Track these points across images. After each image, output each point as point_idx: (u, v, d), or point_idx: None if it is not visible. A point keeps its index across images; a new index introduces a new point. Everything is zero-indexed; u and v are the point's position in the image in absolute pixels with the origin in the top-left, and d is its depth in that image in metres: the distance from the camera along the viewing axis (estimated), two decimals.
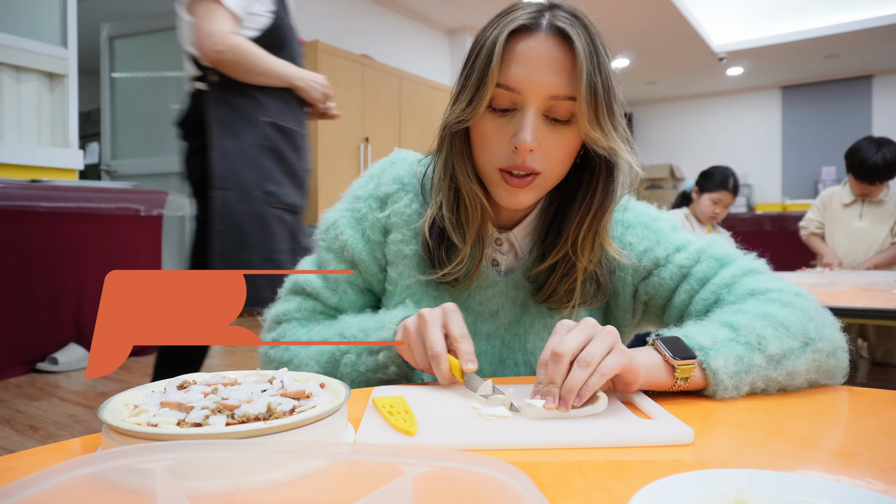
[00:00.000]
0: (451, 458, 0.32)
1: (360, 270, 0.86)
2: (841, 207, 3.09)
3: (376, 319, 0.78)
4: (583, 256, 0.80)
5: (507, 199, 0.77)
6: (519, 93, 0.72)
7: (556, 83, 0.71)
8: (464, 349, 0.66)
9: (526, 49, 0.71)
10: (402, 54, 6.54)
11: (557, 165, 0.76)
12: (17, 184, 2.89)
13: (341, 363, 0.78)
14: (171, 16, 4.81)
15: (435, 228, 0.81)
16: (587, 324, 0.61)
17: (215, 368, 3.04)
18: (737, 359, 0.65)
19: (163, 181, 4.85)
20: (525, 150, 0.71)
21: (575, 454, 0.50)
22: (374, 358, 0.76)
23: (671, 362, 0.64)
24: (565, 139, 0.74)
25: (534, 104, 0.71)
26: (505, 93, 0.72)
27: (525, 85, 0.71)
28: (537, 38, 0.72)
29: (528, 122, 0.71)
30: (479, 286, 0.84)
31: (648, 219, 0.87)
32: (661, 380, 0.64)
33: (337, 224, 0.86)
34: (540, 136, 0.72)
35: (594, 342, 0.59)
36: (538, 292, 0.84)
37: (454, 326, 0.68)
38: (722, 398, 0.65)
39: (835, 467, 0.47)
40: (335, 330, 0.81)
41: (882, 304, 1.79)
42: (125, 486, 0.34)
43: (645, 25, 6.81)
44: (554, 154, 0.74)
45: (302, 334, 0.84)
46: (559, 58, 0.71)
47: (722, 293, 0.78)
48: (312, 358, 0.80)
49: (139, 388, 0.52)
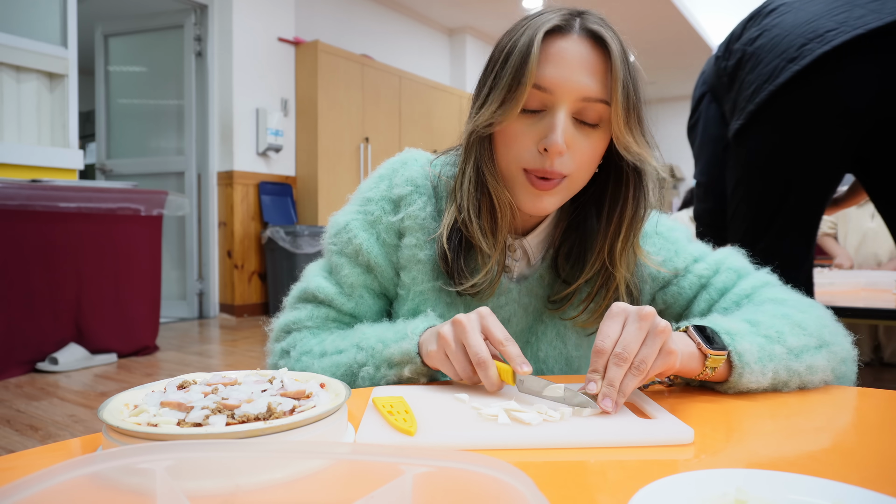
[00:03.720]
0: (451, 458, 0.32)
1: (377, 274, 0.83)
2: (854, 207, 3.09)
3: (396, 330, 0.74)
4: (621, 266, 0.79)
5: (531, 203, 0.75)
6: (551, 93, 0.71)
7: (588, 85, 0.70)
8: (512, 352, 0.62)
9: (559, 49, 0.71)
10: (402, 54, 6.54)
11: (583, 169, 0.75)
12: (17, 184, 2.88)
13: (359, 376, 0.73)
14: (166, 15, 4.82)
15: (454, 237, 0.79)
16: (646, 318, 0.60)
17: (215, 368, 3.05)
18: (759, 347, 0.66)
19: (159, 181, 4.86)
20: (556, 152, 0.70)
21: (575, 454, 0.50)
22: (395, 371, 0.71)
23: (704, 351, 0.64)
24: (593, 143, 0.73)
25: (565, 105, 0.71)
26: (536, 93, 0.71)
27: (558, 85, 0.70)
28: (570, 40, 0.71)
29: (560, 123, 0.70)
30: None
31: (665, 229, 0.87)
32: (691, 368, 0.65)
33: (349, 227, 0.83)
34: (570, 138, 0.71)
35: (648, 345, 0.59)
36: (559, 303, 0.83)
37: (496, 330, 0.64)
38: (748, 384, 0.65)
39: (835, 467, 0.47)
40: (351, 340, 0.76)
41: (883, 304, 1.79)
42: (125, 486, 0.34)
43: (645, 25, 6.81)
44: (582, 158, 0.73)
45: (314, 344, 0.79)
46: (593, 60, 0.71)
47: (742, 303, 0.79)
48: (326, 370, 0.76)
49: (139, 388, 0.52)
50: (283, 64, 5.08)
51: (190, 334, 4.17)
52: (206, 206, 4.87)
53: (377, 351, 0.72)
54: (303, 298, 0.85)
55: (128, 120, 5.00)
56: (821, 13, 1.24)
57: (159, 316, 3.52)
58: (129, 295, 3.29)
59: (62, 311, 3.03)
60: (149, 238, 3.37)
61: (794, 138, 1.32)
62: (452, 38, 7.27)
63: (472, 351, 0.63)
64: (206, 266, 4.89)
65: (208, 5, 4.74)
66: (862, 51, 1.19)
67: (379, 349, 0.72)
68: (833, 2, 1.24)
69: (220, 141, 4.83)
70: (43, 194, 2.90)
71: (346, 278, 0.82)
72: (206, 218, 4.88)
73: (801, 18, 1.27)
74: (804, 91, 1.26)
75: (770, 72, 1.29)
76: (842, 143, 1.30)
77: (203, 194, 4.88)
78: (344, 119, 5.32)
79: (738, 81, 1.40)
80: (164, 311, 4.59)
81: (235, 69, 4.71)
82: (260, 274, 4.98)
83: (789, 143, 1.33)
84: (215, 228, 4.90)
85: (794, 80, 1.25)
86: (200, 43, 4.78)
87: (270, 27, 4.97)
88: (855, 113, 1.25)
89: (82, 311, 3.09)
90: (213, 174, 4.84)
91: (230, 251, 4.83)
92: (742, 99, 1.38)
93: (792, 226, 1.39)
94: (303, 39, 5.15)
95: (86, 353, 3.09)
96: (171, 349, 3.60)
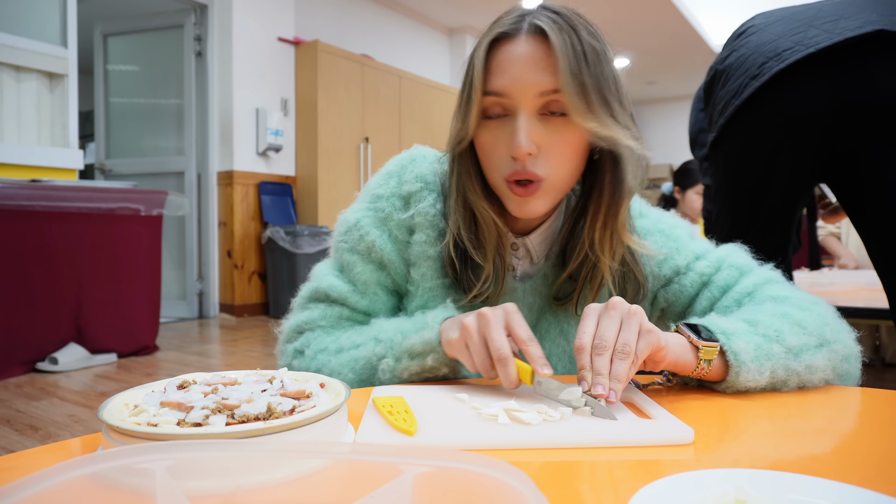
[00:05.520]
0: (451, 458, 0.32)
1: (390, 271, 0.82)
2: None
3: (414, 321, 0.73)
4: (603, 255, 0.78)
5: (519, 210, 0.76)
6: (507, 97, 0.71)
7: (539, 80, 0.70)
8: (535, 353, 0.62)
9: (507, 54, 0.72)
10: (402, 54, 6.54)
11: (562, 167, 0.74)
12: (17, 184, 2.88)
13: (379, 369, 0.72)
14: (166, 15, 4.82)
15: (458, 249, 0.79)
16: (616, 307, 0.61)
17: (215, 368, 3.05)
18: (756, 346, 0.66)
19: (159, 181, 4.86)
20: (522, 155, 0.70)
21: (575, 454, 0.50)
22: (418, 362, 0.70)
23: (695, 343, 0.65)
24: (565, 137, 0.72)
25: (524, 105, 0.71)
26: (495, 100, 0.72)
27: (510, 88, 0.71)
28: (518, 42, 0.72)
29: (522, 126, 0.70)
30: None
31: (666, 226, 0.87)
32: (686, 360, 0.65)
33: (360, 224, 0.82)
34: (537, 137, 0.71)
35: (625, 329, 0.60)
36: (563, 300, 0.83)
37: (519, 328, 0.63)
38: (745, 383, 0.65)
39: (835, 467, 0.47)
40: (369, 334, 0.76)
41: (883, 304, 1.79)
42: (125, 486, 0.34)
43: (645, 25, 6.81)
44: (556, 155, 0.73)
45: (329, 342, 0.79)
46: (540, 55, 0.71)
47: (744, 301, 0.79)
48: (345, 366, 0.75)
49: (139, 388, 0.52)
50: (283, 64, 5.08)
51: (190, 334, 4.17)
52: (206, 206, 4.87)
53: (396, 343, 0.72)
54: (314, 298, 0.84)
55: (127, 120, 4.99)
56: (781, 33, 1.35)
57: (159, 316, 3.52)
58: (129, 295, 3.29)
59: (62, 310, 3.03)
60: (149, 238, 3.37)
61: (759, 148, 1.42)
62: (452, 38, 7.27)
63: (493, 346, 0.62)
64: (206, 266, 4.89)
65: (208, 5, 4.74)
66: (814, 67, 1.29)
67: (398, 340, 0.72)
68: (793, 23, 1.35)
69: (219, 141, 4.83)
70: (43, 194, 2.90)
71: (358, 276, 0.82)
72: (206, 218, 4.88)
73: (765, 39, 1.37)
74: (765, 104, 1.36)
75: (736, 88, 1.40)
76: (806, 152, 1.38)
77: (203, 194, 4.88)
78: (344, 119, 5.32)
79: (713, 97, 1.52)
80: (164, 311, 4.59)
81: (235, 69, 4.71)
82: (260, 274, 4.98)
83: (756, 152, 1.43)
84: (215, 228, 4.90)
85: (756, 95, 1.35)
86: (200, 43, 4.78)
87: (270, 27, 4.97)
88: (812, 124, 1.34)
89: (82, 311, 3.09)
90: (212, 174, 4.85)
91: (230, 251, 4.83)
92: (716, 113, 1.49)
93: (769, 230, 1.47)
94: (303, 39, 5.15)
95: (86, 353, 3.09)
96: (171, 349, 3.60)
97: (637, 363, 0.60)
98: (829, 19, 1.30)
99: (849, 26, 1.26)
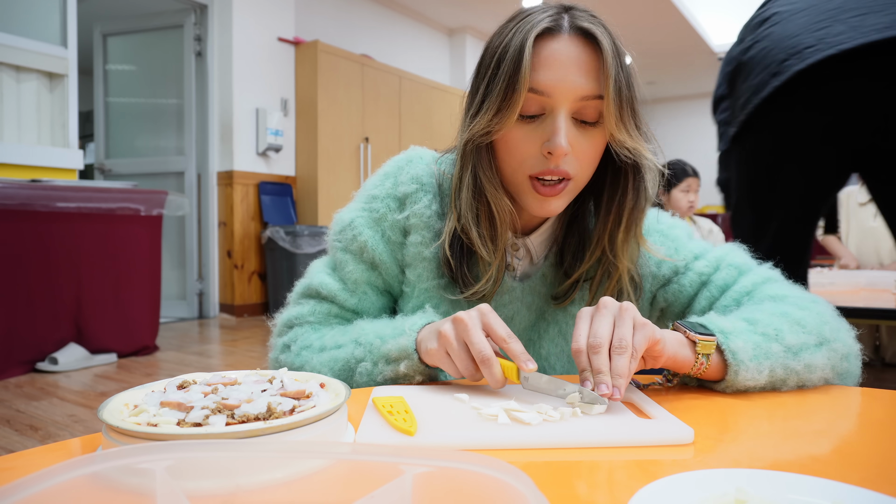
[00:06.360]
0: (451, 458, 0.32)
1: (381, 271, 0.83)
2: (857, 206, 3.10)
3: (394, 326, 0.73)
4: (623, 257, 0.80)
5: (539, 208, 0.76)
6: (549, 96, 0.71)
7: (584, 84, 0.71)
8: (516, 349, 0.62)
9: (552, 51, 0.71)
10: (402, 54, 6.54)
11: (586, 169, 0.75)
12: (17, 183, 2.88)
13: (356, 372, 0.73)
14: (166, 15, 4.82)
15: (455, 244, 0.79)
16: (607, 306, 0.62)
17: (215, 368, 3.05)
18: (755, 345, 0.66)
19: (159, 181, 4.85)
20: (560, 155, 0.71)
21: (575, 454, 0.50)
22: (392, 367, 0.71)
23: (692, 337, 0.65)
24: (594, 141, 0.74)
25: (564, 107, 0.71)
26: (534, 97, 0.71)
27: (555, 88, 0.70)
28: (562, 40, 0.71)
29: (562, 126, 0.70)
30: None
31: (665, 226, 0.87)
32: (684, 355, 0.65)
33: (354, 224, 0.83)
34: (572, 139, 0.72)
35: (620, 325, 0.60)
36: (562, 299, 0.83)
37: (498, 327, 0.64)
38: (744, 382, 0.65)
39: (835, 467, 0.47)
40: (350, 336, 0.76)
41: (883, 304, 1.79)
42: (125, 486, 0.34)
43: (644, 25, 6.81)
44: (584, 157, 0.74)
45: (314, 339, 0.79)
46: (586, 58, 0.71)
47: (743, 300, 0.79)
48: (325, 365, 0.76)
49: (139, 388, 0.52)
50: (283, 64, 5.08)
51: (190, 334, 4.16)
52: (205, 206, 4.87)
53: (375, 347, 0.72)
54: (306, 294, 0.85)
55: (127, 120, 4.99)
56: (805, 26, 1.29)
57: (159, 316, 3.52)
58: (129, 295, 3.29)
59: (62, 310, 3.03)
60: (149, 238, 3.37)
61: (783, 148, 1.38)
62: (452, 38, 7.27)
63: (475, 349, 0.62)
64: (205, 266, 4.89)
65: (208, 5, 4.74)
66: (835, 68, 1.24)
67: (377, 345, 0.72)
68: (818, 15, 1.29)
69: (219, 141, 4.83)
70: (42, 194, 2.90)
71: (349, 275, 0.83)
72: (205, 218, 4.88)
73: (788, 31, 1.32)
74: (787, 104, 1.33)
75: (757, 85, 1.36)
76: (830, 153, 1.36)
77: (203, 194, 4.88)
78: (344, 119, 5.32)
79: (736, 89, 1.48)
80: (164, 311, 4.59)
81: (235, 69, 4.71)
82: (260, 274, 4.98)
83: (780, 151, 1.39)
84: (215, 228, 4.90)
85: (777, 94, 1.32)
86: (200, 43, 4.78)
87: (270, 27, 4.97)
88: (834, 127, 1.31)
89: (82, 311, 3.09)
90: (212, 174, 4.84)
91: (230, 251, 4.83)
92: (737, 108, 1.45)
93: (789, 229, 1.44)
94: (303, 39, 5.15)
95: (86, 353, 3.09)
96: (171, 349, 3.60)
97: (636, 357, 0.59)
98: (857, 13, 1.24)
99: (876, 25, 1.20)
